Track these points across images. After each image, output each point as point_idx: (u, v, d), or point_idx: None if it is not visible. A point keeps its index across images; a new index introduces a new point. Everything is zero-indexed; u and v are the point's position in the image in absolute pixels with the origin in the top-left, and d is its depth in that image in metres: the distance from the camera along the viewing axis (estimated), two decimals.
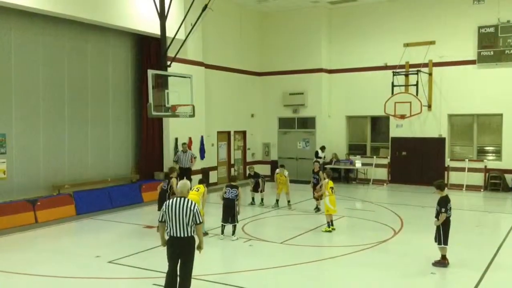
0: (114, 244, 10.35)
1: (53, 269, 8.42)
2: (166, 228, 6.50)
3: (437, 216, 8.46)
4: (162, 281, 7.66)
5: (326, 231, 11.21)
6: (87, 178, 14.84)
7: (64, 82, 14.34)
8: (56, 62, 14.09)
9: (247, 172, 16.11)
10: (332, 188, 11.34)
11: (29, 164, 13.34)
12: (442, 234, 8.41)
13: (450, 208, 8.45)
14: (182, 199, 6.47)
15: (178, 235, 6.36)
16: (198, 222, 6.43)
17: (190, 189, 10.26)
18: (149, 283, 7.64)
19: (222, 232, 10.64)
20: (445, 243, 8.46)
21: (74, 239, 11.15)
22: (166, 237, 6.56)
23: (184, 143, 16.41)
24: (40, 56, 13.65)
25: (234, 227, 10.58)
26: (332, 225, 11.33)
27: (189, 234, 6.41)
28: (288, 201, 14.38)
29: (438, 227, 8.44)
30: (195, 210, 6.41)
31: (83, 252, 9.53)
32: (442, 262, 8.52)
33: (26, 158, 13.26)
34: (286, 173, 14.42)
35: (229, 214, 10.57)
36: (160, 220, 6.59)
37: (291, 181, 15.25)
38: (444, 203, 8.38)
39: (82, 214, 13.20)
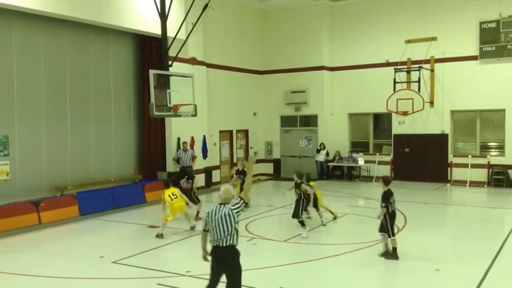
0: (118, 244, 10.37)
1: (57, 270, 8.44)
2: (209, 237, 5.92)
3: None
4: (167, 281, 7.69)
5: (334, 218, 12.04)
6: (90, 178, 14.87)
7: (66, 82, 14.37)
8: (57, 63, 14.11)
9: (237, 167, 14.82)
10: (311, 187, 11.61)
11: (32, 166, 13.37)
12: (390, 227, 8.69)
13: (394, 201, 8.77)
14: (225, 205, 5.87)
15: (223, 244, 5.78)
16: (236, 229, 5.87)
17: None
18: (154, 283, 7.64)
19: None
20: (393, 235, 8.77)
21: (77, 239, 11.17)
22: (209, 249, 6.01)
23: (184, 142, 16.41)
24: (42, 57, 13.67)
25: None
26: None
27: (234, 243, 5.86)
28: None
29: (385, 220, 8.71)
30: (237, 217, 5.86)
31: (87, 253, 9.55)
32: (394, 255, 8.72)
33: (29, 159, 13.30)
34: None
35: None
36: (204, 229, 5.97)
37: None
38: (385, 197, 8.71)
39: (86, 215, 13.22)
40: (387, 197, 8.69)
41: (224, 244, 5.78)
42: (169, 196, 10.78)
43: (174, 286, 7.54)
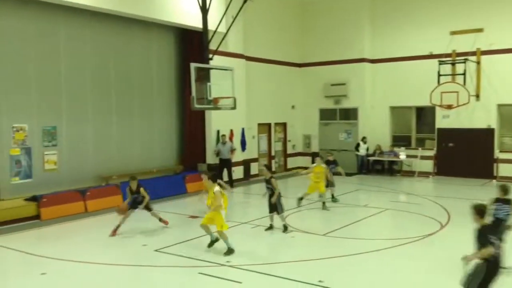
0: (160, 233, 10.61)
1: (102, 257, 8.75)
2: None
3: None
4: (207, 270, 7.84)
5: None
6: (133, 169, 15.24)
7: (111, 76, 14.77)
8: (103, 56, 14.52)
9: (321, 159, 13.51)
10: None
11: (78, 156, 13.85)
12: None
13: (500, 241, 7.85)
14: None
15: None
16: None
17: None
18: (195, 272, 7.80)
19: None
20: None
21: (121, 228, 11.50)
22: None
23: (223, 135, 16.65)
24: (88, 51, 14.09)
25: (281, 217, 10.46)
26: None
27: None
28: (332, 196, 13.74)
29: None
30: None
31: (130, 241, 9.85)
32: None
33: (76, 149, 13.78)
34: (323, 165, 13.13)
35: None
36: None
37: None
38: (483, 237, 6.28)
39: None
40: (485, 237, 5.91)
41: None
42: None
43: (215, 276, 7.67)
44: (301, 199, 13.00)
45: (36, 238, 10.60)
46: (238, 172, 17.71)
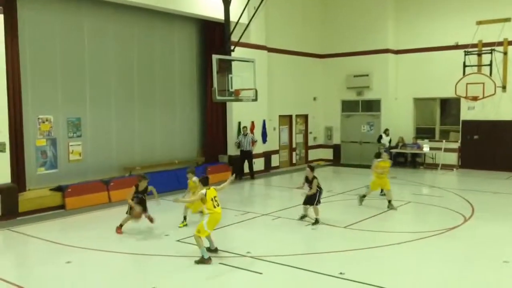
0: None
1: (127, 246, 8.92)
2: None
3: None
4: (228, 261, 7.93)
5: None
6: (156, 160, 15.45)
7: (133, 68, 14.93)
8: (126, 49, 14.67)
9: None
10: None
11: (102, 147, 14.08)
12: None
13: None
14: None
15: None
16: None
17: None
18: (216, 262, 7.87)
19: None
20: None
21: (144, 218, 11.67)
22: None
23: (244, 127, 16.71)
24: (111, 44, 14.26)
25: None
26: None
27: None
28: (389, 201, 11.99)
29: None
30: None
31: (153, 231, 9.99)
32: None
33: (100, 140, 14.01)
34: None
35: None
36: None
37: (354, 166, 14.82)
38: None
39: (152, 195, 13.73)
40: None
41: None
42: (212, 200, 7.92)
43: (236, 266, 7.73)
44: (363, 196, 12.19)
45: (61, 227, 10.85)
46: (259, 163, 17.74)
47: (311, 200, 10.36)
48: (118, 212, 11.99)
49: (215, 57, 12.49)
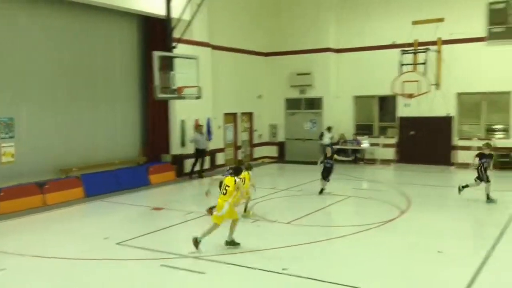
0: (122, 225, 10.45)
1: (63, 251, 8.52)
2: None
3: None
4: (170, 262, 7.78)
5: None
6: (95, 161, 14.91)
7: (72, 65, 14.31)
8: (63, 44, 14.05)
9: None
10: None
11: (38, 147, 13.40)
12: None
13: None
14: None
15: None
16: None
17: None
18: (157, 264, 7.71)
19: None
20: None
21: (82, 221, 11.26)
22: None
23: (200, 125, 16.63)
24: (48, 39, 13.60)
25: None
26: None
27: None
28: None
29: None
30: None
31: (92, 234, 9.63)
32: None
33: (35, 141, 13.32)
34: None
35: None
36: None
37: (298, 163, 15.09)
38: None
39: (90, 197, 13.31)
40: None
41: None
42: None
43: (178, 267, 7.60)
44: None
45: None
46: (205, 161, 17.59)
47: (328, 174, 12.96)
48: (54, 216, 11.50)
49: (156, 53, 12.27)
